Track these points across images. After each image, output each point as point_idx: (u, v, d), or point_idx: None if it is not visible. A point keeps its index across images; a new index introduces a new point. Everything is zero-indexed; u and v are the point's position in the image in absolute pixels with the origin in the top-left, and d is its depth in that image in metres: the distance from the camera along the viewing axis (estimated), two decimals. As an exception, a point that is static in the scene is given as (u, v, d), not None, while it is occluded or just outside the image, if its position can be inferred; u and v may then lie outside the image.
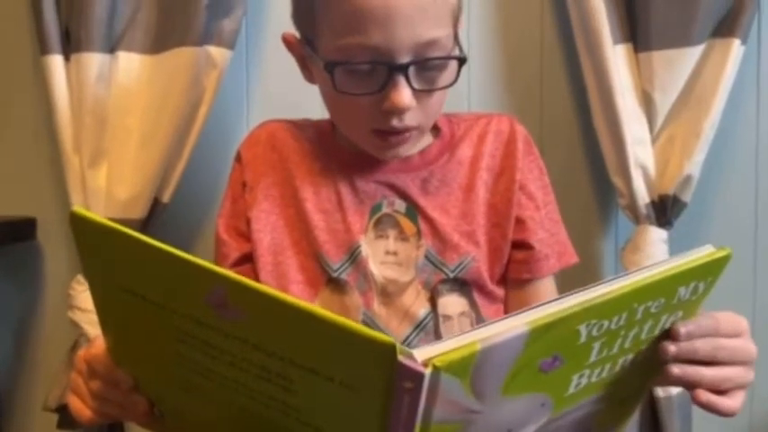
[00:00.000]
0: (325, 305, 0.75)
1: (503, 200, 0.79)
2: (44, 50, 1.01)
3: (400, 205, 0.78)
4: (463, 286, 0.76)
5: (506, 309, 0.81)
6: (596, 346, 0.49)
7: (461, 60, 0.71)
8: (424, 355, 0.41)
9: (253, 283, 0.43)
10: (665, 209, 1.05)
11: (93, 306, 1.03)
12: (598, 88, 1.04)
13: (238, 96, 1.10)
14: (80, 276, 1.03)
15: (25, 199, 1.10)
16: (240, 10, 1.02)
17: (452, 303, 0.76)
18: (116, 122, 1.02)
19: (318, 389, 0.45)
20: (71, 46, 1.01)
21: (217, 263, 0.82)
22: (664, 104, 1.04)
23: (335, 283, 0.76)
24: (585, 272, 1.13)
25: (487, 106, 1.11)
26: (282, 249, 0.78)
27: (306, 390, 0.46)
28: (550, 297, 0.80)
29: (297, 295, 0.76)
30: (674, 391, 1.03)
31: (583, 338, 0.47)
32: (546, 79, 1.12)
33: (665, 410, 1.02)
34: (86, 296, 1.03)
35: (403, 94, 0.68)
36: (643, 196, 1.05)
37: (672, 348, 0.53)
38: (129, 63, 1.02)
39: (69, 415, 1.02)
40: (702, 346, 0.55)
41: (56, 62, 1.01)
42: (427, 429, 0.43)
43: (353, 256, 0.76)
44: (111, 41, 1.02)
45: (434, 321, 0.75)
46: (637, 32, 1.04)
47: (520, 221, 0.79)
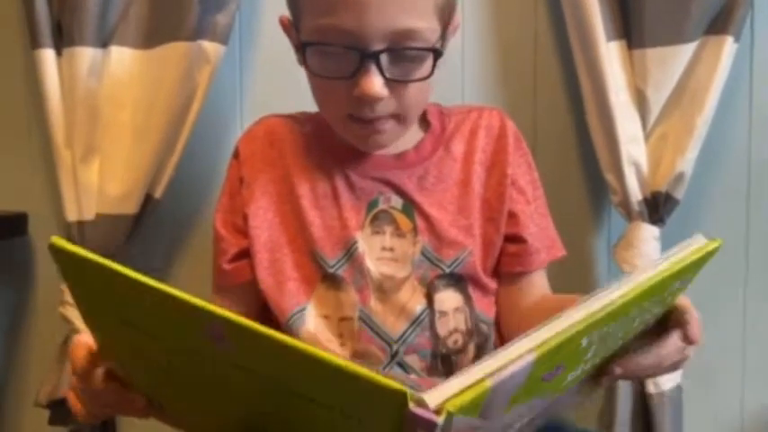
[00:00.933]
0: (320, 302, 0.76)
1: (495, 194, 0.79)
2: (35, 44, 1.00)
3: (397, 201, 0.78)
4: (459, 281, 0.77)
5: (498, 302, 0.81)
6: (593, 348, 0.49)
7: (437, 53, 0.71)
8: (436, 401, 0.40)
9: (253, 326, 0.42)
10: (658, 206, 1.05)
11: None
12: (591, 85, 1.04)
13: (231, 91, 1.10)
14: (72, 272, 1.03)
15: (17, 194, 1.10)
16: (233, 4, 1.01)
17: (448, 299, 0.76)
18: (108, 117, 1.01)
19: (322, 421, 0.44)
20: (63, 40, 1.00)
21: (215, 260, 0.82)
22: (657, 102, 1.04)
23: (331, 280, 0.76)
24: (578, 268, 1.14)
25: (481, 102, 1.11)
26: (279, 246, 0.78)
27: (309, 419, 0.45)
28: (542, 290, 0.81)
29: (293, 292, 0.76)
30: (666, 387, 1.04)
31: (584, 346, 0.48)
32: (539, 76, 1.12)
33: (657, 407, 1.03)
34: (78, 292, 1.03)
35: (373, 82, 0.68)
36: (636, 193, 1.05)
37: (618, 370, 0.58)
38: (122, 57, 1.02)
39: (61, 411, 1.03)
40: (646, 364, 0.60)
41: (47, 56, 1.00)
42: None
43: (350, 252, 0.76)
44: (103, 36, 1.01)
45: (430, 317, 0.75)
46: (630, 29, 1.04)
47: (512, 215, 0.79)
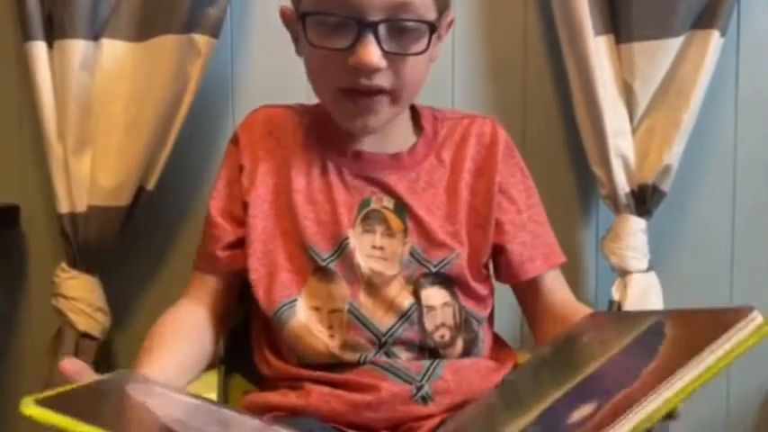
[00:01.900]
0: (311, 294, 0.76)
1: (483, 201, 0.80)
2: (27, 37, 1.00)
3: (389, 202, 0.78)
4: (444, 280, 0.78)
5: (522, 306, 0.86)
6: None
7: (432, 28, 0.72)
8: None
9: None
10: (645, 198, 1.07)
11: (77, 294, 1.04)
12: (580, 79, 1.05)
13: (223, 84, 1.10)
14: (64, 264, 1.03)
15: (9, 186, 1.10)
16: (225, -3, 1.02)
17: (435, 295, 0.77)
18: (100, 110, 1.01)
19: None
20: (54, 32, 1.00)
21: (205, 244, 0.82)
22: (644, 95, 1.06)
23: (323, 272, 0.76)
24: (567, 260, 1.15)
25: (471, 99, 1.12)
26: (273, 238, 0.78)
27: None
28: (555, 294, 0.83)
29: (285, 283, 0.77)
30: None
31: None
32: (529, 72, 1.13)
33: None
34: (70, 284, 1.03)
35: (371, 51, 0.69)
36: (623, 186, 1.06)
37: None
38: (114, 50, 1.02)
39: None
40: None
41: (39, 48, 1.00)
42: None
43: (341, 248, 0.76)
44: (94, 28, 1.01)
45: (419, 312, 0.76)
46: (618, 24, 1.05)
47: (499, 224, 0.81)
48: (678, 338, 0.57)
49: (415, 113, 0.84)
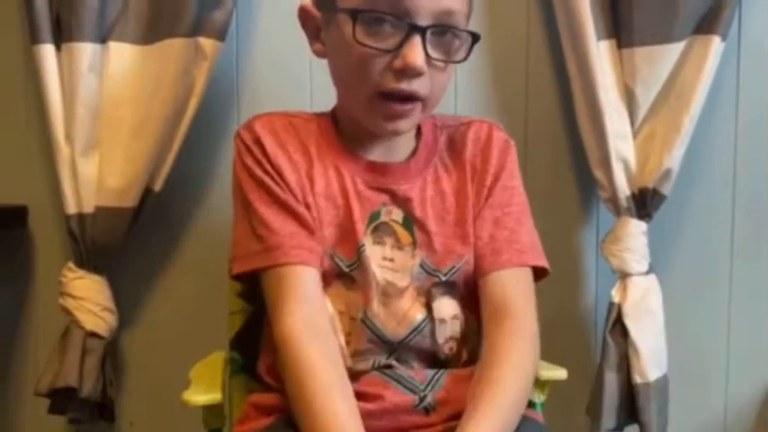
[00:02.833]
0: (335, 298, 0.77)
1: (477, 201, 0.81)
2: (35, 40, 1.01)
3: (398, 215, 0.79)
4: (454, 289, 0.79)
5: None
6: None
7: (475, 38, 0.74)
8: None
9: None
10: (645, 201, 1.08)
11: (84, 293, 1.04)
12: (581, 83, 1.06)
13: (229, 87, 1.11)
14: (71, 264, 1.05)
15: (17, 187, 1.11)
16: (230, 2, 1.03)
17: (445, 306, 0.78)
18: (108, 112, 1.03)
19: None
20: (62, 35, 1.02)
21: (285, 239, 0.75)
22: (645, 100, 1.07)
23: (344, 278, 0.77)
24: (568, 262, 1.16)
25: (474, 102, 1.13)
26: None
27: None
28: (497, 296, 0.77)
29: (318, 281, 0.75)
30: (652, 378, 1.06)
31: None
32: (531, 75, 1.15)
33: (642, 397, 1.05)
34: (77, 283, 1.04)
35: (417, 54, 0.70)
36: (624, 189, 1.07)
37: None
38: (121, 53, 1.03)
39: (61, 400, 1.04)
40: None
41: (47, 51, 1.01)
42: None
43: (359, 256, 0.77)
44: (102, 31, 1.03)
45: (431, 326, 0.77)
46: (620, 29, 1.06)
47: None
48: None
49: None
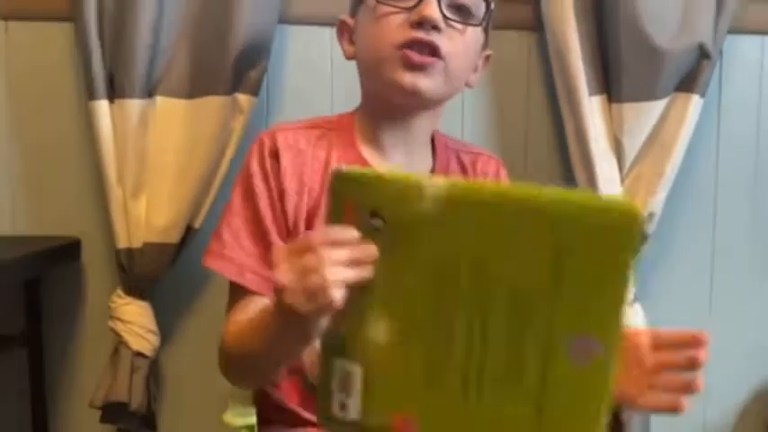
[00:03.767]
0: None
1: None
2: (91, 96, 1.13)
3: None
4: None
5: None
6: None
7: (488, 4, 0.79)
8: None
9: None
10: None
11: (131, 317, 1.16)
12: (575, 133, 1.18)
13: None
14: (120, 291, 1.17)
15: (70, 223, 1.23)
16: (265, 61, 1.15)
17: None
18: (154, 159, 1.15)
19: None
20: (115, 92, 1.13)
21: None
22: (632, 148, 1.19)
23: None
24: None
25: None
26: None
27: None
28: None
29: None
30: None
31: None
32: (531, 126, 1.27)
33: (626, 415, 1.17)
34: (125, 308, 1.16)
35: (434, 8, 0.75)
36: (612, 229, 1.19)
37: None
38: (166, 106, 1.15)
39: (112, 412, 1.16)
40: None
41: (102, 107, 1.13)
42: None
43: None
44: (149, 86, 1.14)
45: None
46: (610, 86, 1.18)
47: None
48: None
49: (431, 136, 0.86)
